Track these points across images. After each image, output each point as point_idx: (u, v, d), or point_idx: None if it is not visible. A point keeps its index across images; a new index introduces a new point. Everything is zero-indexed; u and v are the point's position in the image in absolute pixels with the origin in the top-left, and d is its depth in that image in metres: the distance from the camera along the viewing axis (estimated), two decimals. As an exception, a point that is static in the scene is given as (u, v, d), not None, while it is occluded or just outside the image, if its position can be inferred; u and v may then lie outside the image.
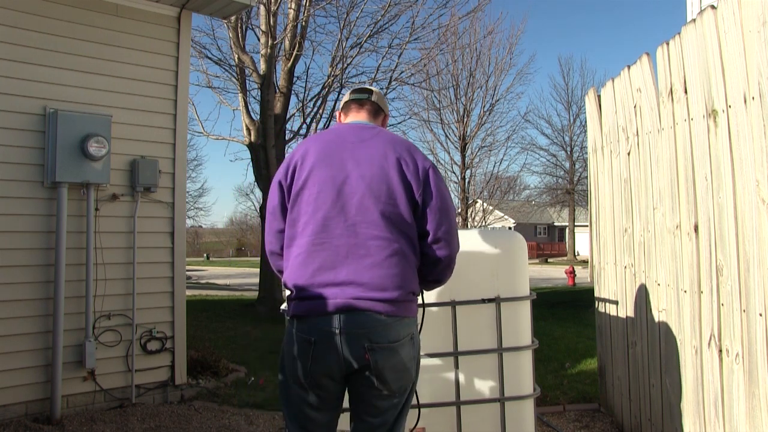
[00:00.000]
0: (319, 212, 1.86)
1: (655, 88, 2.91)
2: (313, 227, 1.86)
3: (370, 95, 2.16)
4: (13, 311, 3.79)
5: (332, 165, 1.91)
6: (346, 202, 1.86)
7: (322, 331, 1.79)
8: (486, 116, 17.46)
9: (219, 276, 25.50)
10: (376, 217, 1.84)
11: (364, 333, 1.78)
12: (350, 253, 1.83)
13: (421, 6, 11.53)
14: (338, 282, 1.81)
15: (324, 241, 1.85)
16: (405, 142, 2.03)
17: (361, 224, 1.84)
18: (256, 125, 10.55)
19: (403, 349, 1.84)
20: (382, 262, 1.82)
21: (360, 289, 1.79)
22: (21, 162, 3.86)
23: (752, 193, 2.06)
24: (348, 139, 1.98)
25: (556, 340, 6.92)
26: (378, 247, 1.83)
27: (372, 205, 1.85)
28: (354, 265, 1.82)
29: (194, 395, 4.47)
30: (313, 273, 1.84)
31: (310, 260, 1.85)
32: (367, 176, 1.88)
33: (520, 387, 2.50)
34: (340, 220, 1.85)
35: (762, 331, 2.02)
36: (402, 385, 1.88)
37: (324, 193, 1.87)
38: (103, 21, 4.22)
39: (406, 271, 1.86)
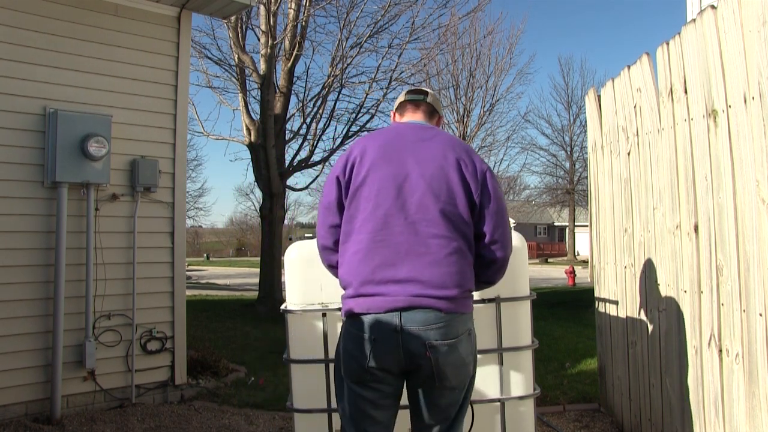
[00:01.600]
0: (380, 209, 1.88)
1: (655, 88, 2.91)
2: (373, 224, 1.88)
3: (425, 96, 2.19)
4: (13, 311, 3.79)
5: (392, 163, 1.93)
6: (406, 200, 1.88)
7: (383, 328, 1.81)
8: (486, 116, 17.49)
9: (219, 276, 25.49)
10: (436, 215, 1.87)
11: (425, 330, 1.80)
12: (410, 250, 1.85)
13: (421, 6, 11.54)
14: (399, 279, 1.83)
15: (384, 239, 1.86)
16: (463, 144, 2.06)
17: (421, 222, 1.87)
18: (256, 125, 10.55)
19: (461, 345, 1.87)
20: (442, 260, 1.84)
21: (421, 286, 1.82)
22: (21, 162, 3.86)
23: (752, 193, 2.06)
24: (408, 137, 2.00)
25: (556, 340, 6.92)
26: (438, 246, 1.85)
27: (432, 203, 1.88)
28: (414, 262, 1.84)
29: (194, 395, 4.47)
30: (373, 270, 1.85)
31: (370, 257, 1.86)
32: (428, 175, 1.90)
33: (520, 387, 2.50)
34: (401, 217, 1.87)
35: (762, 331, 2.02)
36: (461, 381, 1.91)
37: (384, 190, 1.89)
38: (103, 21, 4.22)
39: (464, 269, 1.89)
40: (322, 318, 2.39)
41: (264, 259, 10.88)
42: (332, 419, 2.39)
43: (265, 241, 10.94)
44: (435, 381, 1.85)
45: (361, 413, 1.89)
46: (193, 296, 12.88)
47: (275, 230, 10.70)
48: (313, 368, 2.42)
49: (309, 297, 2.43)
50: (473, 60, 16.96)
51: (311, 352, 2.42)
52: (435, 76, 15.73)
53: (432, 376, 1.84)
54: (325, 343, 2.38)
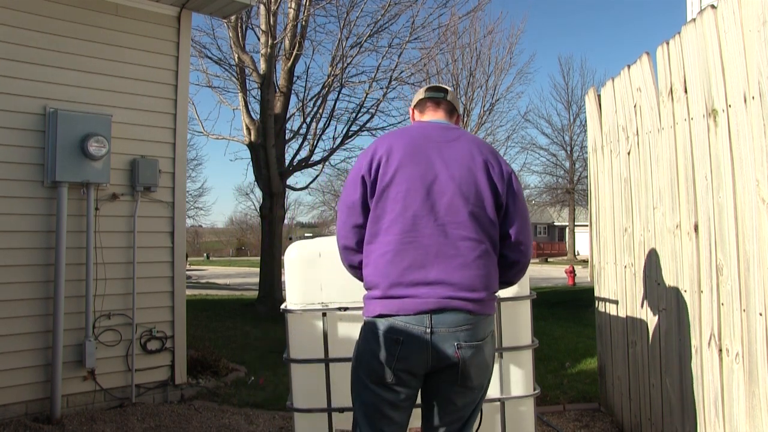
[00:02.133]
0: (409, 210, 1.87)
1: (655, 88, 2.91)
2: (402, 225, 1.87)
3: (446, 94, 2.17)
4: (14, 311, 3.79)
5: (420, 163, 1.92)
6: (435, 202, 1.88)
7: (412, 329, 1.81)
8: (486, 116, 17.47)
9: (219, 276, 25.49)
10: (465, 218, 1.87)
11: (454, 332, 1.80)
12: (440, 252, 1.85)
13: (421, 6, 11.54)
14: (429, 281, 1.83)
15: (413, 240, 1.86)
16: (488, 145, 2.06)
17: (450, 224, 1.86)
18: (256, 125, 10.55)
19: (487, 346, 1.89)
20: (471, 263, 1.85)
21: (451, 288, 1.82)
22: (21, 161, 3.86)
23: (752, 193, 2.06)
24: (434, 137, 1.99)
25: (556, 340, 6.92)
26: (468, 248, 1.85)
27: (461, 205, 1.88)
28: (444, 264, 1.84)
29: (194, 395, 4.47)
30: (402, 271, 1.84)
31: (399, 258, 1.85)
32: (457, 177, 1.90)
33: (520, 386, 2.50)
34: (430, 219, 1.86)
35: (762, 330, 2.02)
36: (482, 381, 1.92)
37: (413, 191, 1.88)
38: (104, 21, 4.22)
39: (491, 271, 1.90)
40: (322, 318, 2.39)
41: (264, 259, 10.88)
42: (332, 419, 2.39)
43: (265, 240, 10.94)
44: (458, 381, 1.85)
45: (380, 414, 1.89)
46: (193, 296, 12.89)
47: (275, 230, 10.70)
48: (313, 368, 2.43)
49: (309, 297, 2.44)
50: (473, 59, 16.95)
51: (311, 352, 2.42)
52: (435, 76, 15.71)
53: (455, 377, 1.85)
54: (325, 342, 2.38)
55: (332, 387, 2.38)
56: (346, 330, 2.43)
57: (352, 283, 2.38)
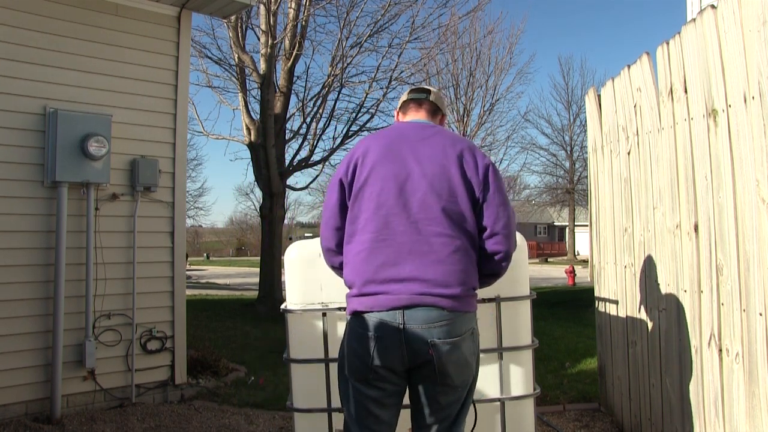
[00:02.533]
0: (382, 209, 1.89)
1: (655, 88, 2.91)
2: (375, 224, 1.89)
3: (428, 95, 2.19)
4: (14, 311, 3.79)
5: (394, 162, 1.94)
6: (408, 199, 1.90)
7: (385, 326, 1.82)
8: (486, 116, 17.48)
9: (219, 276, 25.49)
10: (438, 214, 1.88)
11: (428, 328, 1.81)
12: (413, 249, 1.86)
13: (421, 6, 11.54)
14: (402, 278, 1.84)
15: (386, 238, 1.88)
16: (464, 140, 2.07)
17: (423, 221, 1.88)
18: (256, 125, 10.55)
19: (464, 343, 1.88)
20: (445, 258, 1.85)
21: (424, 285, 1.83)
22: (21, 161, 3.86)
23: (752, 193, 2.06)
24: (409, 136, 2.01)
25: (556, 340, 6.92)
26: (441, 244, 1.86)
27: (434, 202, 1.89)
28: (417, 261, 1.85)
29: (194, 395, 4.47)
30: (376, 269, 1.86)
31: (373, 257, 1.87)
32: (429, 174, 1.91)
33: (520, 386, 2.50)
34: (403, 217, 1.88)
35: (762, 330, 2.02)
36: (464, 379, 1.92)
37: (386, 190, 1.90)
38: (104, 21, 4.22)
39: (467, 267, 1.90)
40: (322, 318, 2.39)
41: (264, 259, 10.88)
42: (332, 419, 2.39)
43: (265, 240, 10.94)
44: (437, 379, 1.86)
45: (366, 412, 1.90)
46: (193, 296, 12.89)
47: (275, 230, 10.70)
48: (313, 368, 2.43)
49: (309, 297, 2.44)
50: (473, 59, 16.96)
51: (311, 352, 2.42)
52: (435, 76, 15.71)
53: (434, 375, 1.85)
54: (325, 342, 2.38)
55: (332, 387, 2.38)
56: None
57: (352, 283, 2.38)
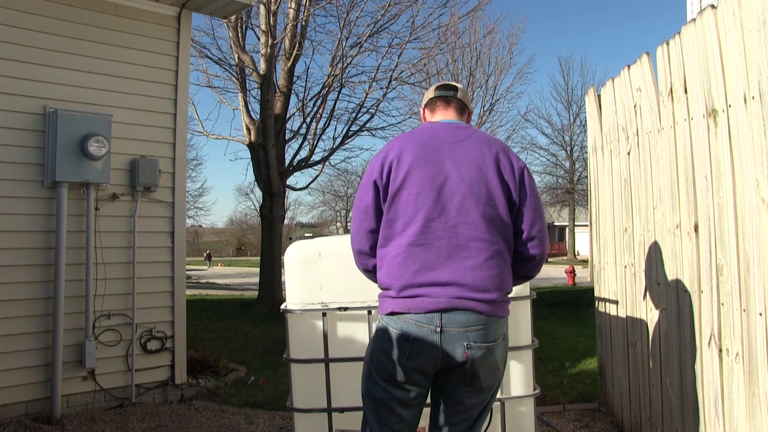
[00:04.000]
0: (420, 213, 1.88)
1: (655, 88, 2.91)
2: (415, 228, 1.87)
3: (456, 92, 2.16)
4: (13, 311, 3.79)
5: (431, 165, 1.92)
6: (446, 204, 1.88)
7: (422, 328, 1.82)
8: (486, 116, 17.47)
9: (219, 276, 25.48)
10: (476, 218, 1.88)
11: (465, 332, 1.81)
12: (451, 254, 1.85)
13: (421, 6, 11.55)
14: (440, 282, 1.84)
15: (424, 242, 1.87)
16: (499, 142, 2.05)
17: (461, 225, 1.87)
18: (256, 125, 10.56)
19: (497, 348, 1.88)
20: (483, 263, 1.86)
21: (462, 289, 1.83)
22: (21, 161, 3.86)
23: (752, 193, 2.06)
24: (444, 138, 1.99)
25: (556, 340, 6.92)
26: (479, 249, 1.86)
27: (473, 206, 1.88)
28: (455, 266, 1.85)
29: (194, 395, 4.47)
30: (414, 273, 1.85)
31: (411, 260, 1.86)
32: (467, 177, 1.90)
33: (520, 386, 2.50)
34: (441, 221, 1.87)
35: (762, 330, 2.02)
36: (491, 383, 1.92)
37: (424, 194, 1.89)
38: (104, 20, 4.22)
39: (504, 272, 1.90)
40: (322, 318, 2.39)
41: (264, 259, 10.89)
42: (332, 419, 2.39)
43: (265, 240, 10.94)
44: (466, 381, 1.86)
45: (389, 411, 1.90)
46: (193, 296, 12.89)
47: (275, 230, 10.71)
48: (313, 368, 2.43)
49: (309, 297, 2.44)
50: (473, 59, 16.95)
51: (311, 352, 2.42)
52: (435, 76, 15.71)
53: (464, 377, 1.85)
54: (325, 342, 2.38)
55: (332, 387, 2.38)
56: (346, 330, 2.44)
57: (352, 284, 2.38)
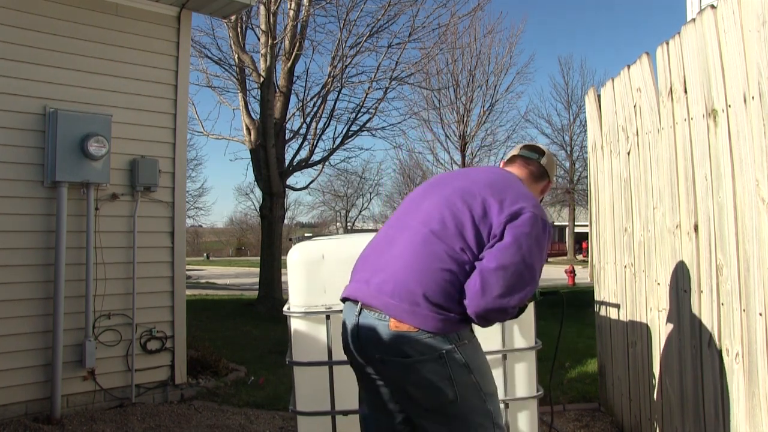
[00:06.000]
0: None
1: (654, 88, 2.91)
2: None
3: (540, 156, 2.13)
4: (13, 311, 3.79)
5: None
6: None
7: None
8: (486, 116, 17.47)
9: (219, 276, 25.47)
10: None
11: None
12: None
13: (421, 6, 11.55)
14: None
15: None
16: (509, 189, 1.93)
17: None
18: (256, 125, 10.56)
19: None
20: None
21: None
22: (21, 161, 3.86)
23: (752, 193, 2.06)
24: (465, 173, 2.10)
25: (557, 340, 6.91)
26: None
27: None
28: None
29: (194, 395, 4.47)
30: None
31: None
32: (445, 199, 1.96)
33: (523, 388, 2.50)
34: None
35: (762, 330, 2.02)
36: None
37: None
38: (103, 20, 4.22)
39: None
40: (325, 320, 2.38)
41: (264, 259, 10.89)
42: (335, 422, 2.38)
43: (265, 240, 10.94)
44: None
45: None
46: (193, 296, 12.88)
47: (275, 230, 10.71)
48: (316, 370, 2.42)
49: (312, 299, 2.43)
50: (473, 59, 16.96)
51: (314, 355, 2.41)
52: (435, 76, 15.74)
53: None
54: (329, 345, 2.37)
55: (336, 390, 2.37)
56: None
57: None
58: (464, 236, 1.81)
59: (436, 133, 17.56)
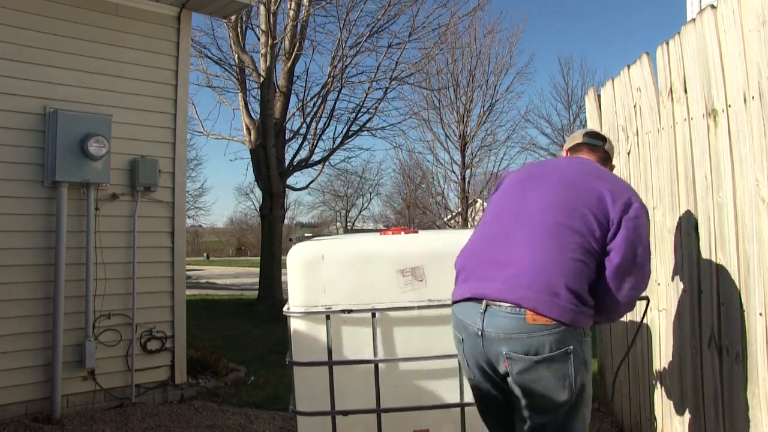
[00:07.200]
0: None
1: (654, 88, 2.91)
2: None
3: (604, 143, 2.23)
4: (13, 311, 3.79)
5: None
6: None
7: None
8: (486, 116, 17.42)
9: (219, 276, 25.46)
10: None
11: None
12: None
13: (421, 6, 11.55)
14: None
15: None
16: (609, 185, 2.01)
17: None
18: (256, 125, 10.56)
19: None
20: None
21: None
22: (21, 161, 3.86)
23: (752, 193, 2.06)
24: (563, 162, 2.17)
25: (556, 340, 6.91)
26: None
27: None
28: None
29: (194, 395, 4.47)
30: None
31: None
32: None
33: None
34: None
35: (762, 330, 2.02)
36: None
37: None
38: (103, 20, 4.22)
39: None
40: (325, 320, 2.37)
41: (264, 259, 10.89)
42: (335, 422, 2.37)
43: (265, 240, 10.94)
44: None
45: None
46: (193, 296, 12.88)
47: (275, 230, 10.71)
48: (316, 371, 2.41)
49: (312, 299, 2.42)
50: (473, 59, 16.90)
51: (314, 355, 2.40)
52: (435, 76, 15.72)
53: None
54: (329, 345, 2.37)
55: (335, 390, 2.36)
56: (349, 333, 2.41)
57: (355, 286, 2.37)
58: (589, 227, 1.84)
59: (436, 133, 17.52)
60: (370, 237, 2.66)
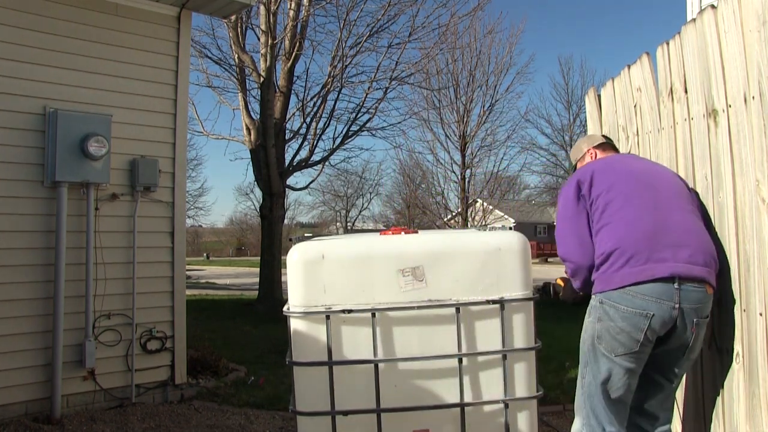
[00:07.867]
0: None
1: (655, 88, 2.91)
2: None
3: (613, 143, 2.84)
4: (13, 311, 3.79)
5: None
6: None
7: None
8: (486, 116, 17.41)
9: (219, 276, 25.46)
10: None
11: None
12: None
13: (421, 6, 11.56)
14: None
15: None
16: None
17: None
18: (256, 125, 10.56)
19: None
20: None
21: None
22: (21, 161, 3.86)
23: (752, 193, 2.06)
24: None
25: (557, 340, 6.90)
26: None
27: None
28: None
29: (194, 395, 4.47)
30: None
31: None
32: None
33: (523, 388, 2.49)
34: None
35: (762, 330, 2.02)
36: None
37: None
38: (104, 20, 4.22)
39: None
40: (325, 320, 2.37)
41: (264, 259, 10.89)
42: (335, 422, 2.37)
43: (265, 240, 10.94)
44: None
45: (626, 386, 2.19)
46: (193, 296, 12.88)
47: (275, 230, 10.71)
48: (316, 371, 2.41)
49: (312, 299, 2.42)
50: (473, 59, 16.89)
51: (314, 355, 2.40)
52: (435, 76, 15.73)
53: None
54: (329, 345, 2.37)
55: (335, 390, 2.36)
56: (349, 333, 2.41)
57: (355, 286, 2.37)
58: (701, 209, 2.36)
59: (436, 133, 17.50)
60: (370, 237, 2.65)
